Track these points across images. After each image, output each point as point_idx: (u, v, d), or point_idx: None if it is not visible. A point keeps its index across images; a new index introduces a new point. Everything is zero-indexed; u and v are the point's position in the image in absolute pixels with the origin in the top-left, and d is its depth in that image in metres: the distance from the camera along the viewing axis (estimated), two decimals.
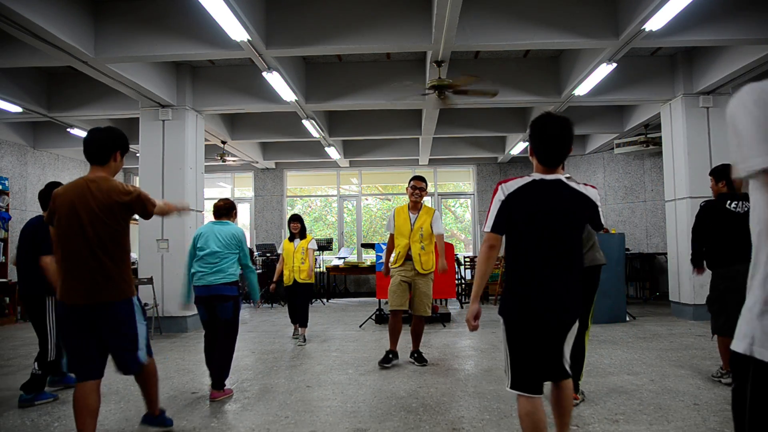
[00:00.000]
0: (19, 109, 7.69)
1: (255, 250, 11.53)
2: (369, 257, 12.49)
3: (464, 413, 3.56)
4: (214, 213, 4.34)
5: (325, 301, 11.29)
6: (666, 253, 8.56)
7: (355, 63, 7.66)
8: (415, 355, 5.07)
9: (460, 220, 13.93)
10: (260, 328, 7.60)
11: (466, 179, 13.41)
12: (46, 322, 3.98)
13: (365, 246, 10.80)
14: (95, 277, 2.74)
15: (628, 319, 7.55)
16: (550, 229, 2.28)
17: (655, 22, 5.24)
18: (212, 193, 12.92)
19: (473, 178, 13.07)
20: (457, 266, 10.00)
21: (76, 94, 7.99)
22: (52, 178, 9.50)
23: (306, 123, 8.70)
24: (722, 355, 4.16)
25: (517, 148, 10.82)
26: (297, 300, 6.45)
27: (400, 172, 13.26)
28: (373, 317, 7.93)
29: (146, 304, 6.92)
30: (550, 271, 2.27)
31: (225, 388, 4.04)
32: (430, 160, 12.33)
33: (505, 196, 2.35)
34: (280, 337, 6.76)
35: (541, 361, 2.32)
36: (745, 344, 1.27)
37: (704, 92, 7.42)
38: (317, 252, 8.75)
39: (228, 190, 13.48)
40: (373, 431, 3.26)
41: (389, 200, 13.82)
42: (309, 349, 5.93)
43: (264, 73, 6.39)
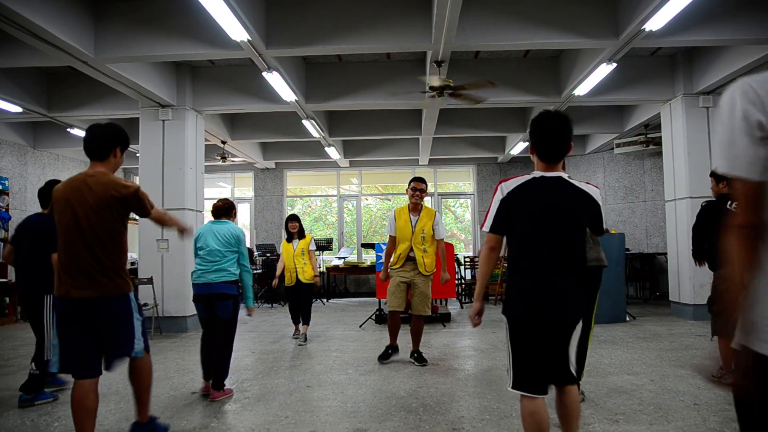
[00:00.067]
0: (19, 109, 7.69)
1: (255, 250, 11.53)
2: (369, 257, 12.49)
3: (464, 413, 3.56)
4: (213, 213, 4.33)
5: (325, 301, 11.28)
6: (666, 253, 8.56)
7: (355, 63, 7.66)
8: (415, 355, 5.07)
9: (460, 220, 13.93)
10: (260, 328, 7.59)
11: (466, 179, 13.41)
12: (44, 322, 3.97)
13: (365, 246, 10.80)
14: (89, 271, 2.74)
15: (628, 319, 7.55)
16: (549, 228, 2.27)
17: (655, 22, 5.24)
18: (212, 193, 12.92)
19: (473, 178, 13.07)
20: (457, 266, 10.01)
21: (76, 94, 7.98)
22: (52, 177, 9.48)
23: (306, 123, 8.70)
24: (722, 356, 4.16)
25: (517, 148, 10.81)
26: (301, 299, 6.47)
27: (400, 172, 13.25)
28: (373, 317, 7.93)
29: (146, 304, 6.93)
30: (549, 270, 2.26)
31: (225, 388, 4.04)
32: (430, 160, 12.33)
33: (504, 195, 2.35)
34: (280, 337, 6.76)
35: (543, 361, 2.30)
36: None
37: (704, 92, 7.42)
38: (317, 252, 8.76)
39: (228, 190, 13.47)
40: (373, 431, 3.26)
41: (389, 200, 13.82)
42: (309, 349, 5.93)
43: (264, 73, 6.39)
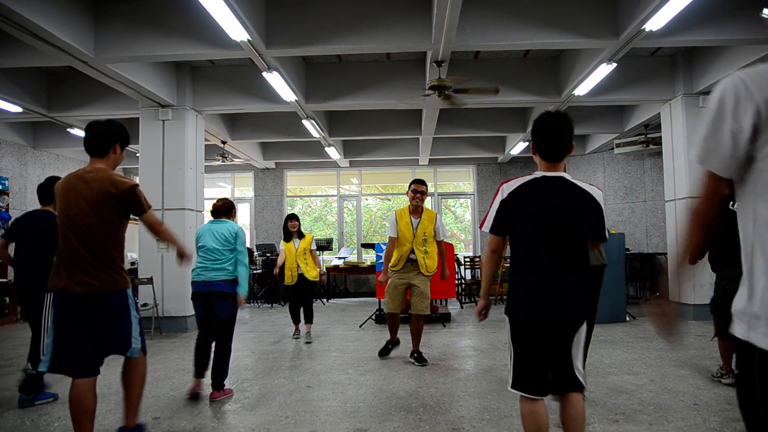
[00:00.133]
0: (19, 109, 7.68)
1: (255, 250, 11.53)
2: (369, 257, 12.49)
3: (464, 413, 3.56)
4: (213, 213, 4.32)
5: (325, 301, 11.28)
6: (666, 253, 8.55)
7: (355, 63, 7.66)
8: (415, 354, 5.07)
9: (460, 220, 13.93)
10: (260, 328, 7.59)
11: (466, 179, 13.40)
12: (42, 320, 3.93)
13: (365, 246, 10.80)
14: (86, 267, 2.74)
15: (628, 319, 7.55)
16: (550, 227, 2.26)
17: (655, 22, 5.24)
18: (212, 193, 12.92)
19: (473, 178, 13.07)
20: (457, 266, 10.00)
21: (76, 94, 7.98)
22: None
23: (306, 123, 8.70)
24: (722, 356, 4.17)
25: (517, 148, 10.80)
26: (301, 298, 6.47)
27: (400, 172, 13.25)
28: (373, 317, 7.93)
29: (146, 304, 6.94)
30: (550, 270, 2.25)
31: (225, 388, 4.03)
32: (430, 160, 12.32)
33: (505, 197, 2.34)
34: (281, 337, 6.76)
35: (544, 363, 2.28)
36: None
37: (704, 92, 7.41)
38: (317, 252, 8.78)
39: (228, 190, 13.47)
40: (373, 431, 3.26)
41: (389, 200, 13.82)
42: (309, 349, 5.93)
43: (264, 73, 6.39)
